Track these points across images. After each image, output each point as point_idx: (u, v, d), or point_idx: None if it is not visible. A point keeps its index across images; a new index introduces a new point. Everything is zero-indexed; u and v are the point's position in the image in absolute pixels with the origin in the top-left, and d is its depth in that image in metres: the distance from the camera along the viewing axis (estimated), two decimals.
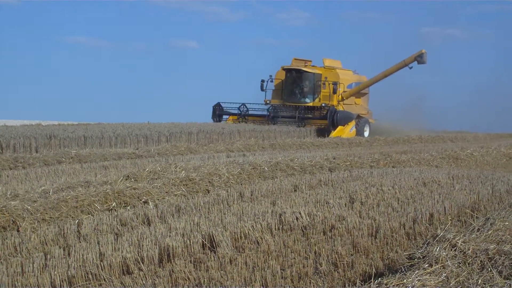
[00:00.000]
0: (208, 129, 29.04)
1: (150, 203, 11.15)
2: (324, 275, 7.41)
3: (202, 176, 13.36)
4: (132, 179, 13.01)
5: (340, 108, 38.61)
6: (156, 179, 13.08)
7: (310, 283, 7.20)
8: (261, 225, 9.05)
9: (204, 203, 11.08)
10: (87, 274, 7.22)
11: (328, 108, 37.40)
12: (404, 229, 9.38)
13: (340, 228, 9.20)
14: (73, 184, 12.58)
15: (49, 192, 11.31)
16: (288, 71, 40.21)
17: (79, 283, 7.08)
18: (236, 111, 39.75)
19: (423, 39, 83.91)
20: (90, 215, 10.27)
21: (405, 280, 5.79)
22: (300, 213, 9.70)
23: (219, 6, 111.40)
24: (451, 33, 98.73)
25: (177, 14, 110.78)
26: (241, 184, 13.71)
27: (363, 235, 8.98)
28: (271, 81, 40.79)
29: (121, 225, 9.51)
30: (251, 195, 12.13)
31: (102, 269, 7.31)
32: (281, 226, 9.28)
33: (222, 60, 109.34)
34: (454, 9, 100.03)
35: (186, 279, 7.16)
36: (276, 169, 15.76)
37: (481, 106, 59.57)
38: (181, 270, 7.37)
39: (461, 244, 6.66)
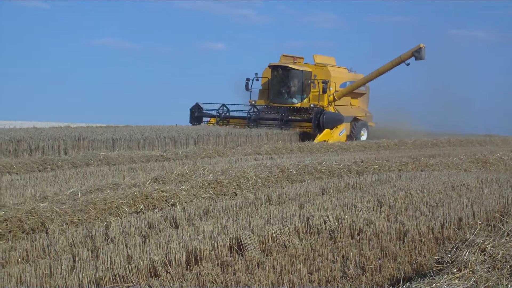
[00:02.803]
0: (236, 132, 29.09)
1: (178, 206, 11.17)
2: (352, 279, 7.38)
3: (230, 179, 13.36)
4: (160, 182, 13.04)
5: (330, 109, 35.47)
6: (184, 181, 13.10)
7: (337, 287, 7.18)
8: (288, 229, 9.03)
9: (231, 206, 11.08)
10: (115, 276, 7.24)
11: (314, 109, 33.91)
12: (433, 233, 9.32)
13: (368, 232, 9.16)
14: (101, 186, 12.65)
15: (78, 194, 11.37)
16: (274, 68, 36.74)
17: (107, 285, 7.10)
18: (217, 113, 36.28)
19: (450, 41, 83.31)
20: (118, 217, 10.30)
21: (434, 285, 5.75)
22: (327, 217, 9.67)
23: (247, 9, 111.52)
24: (477, 35, 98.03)
25: (205, 17, 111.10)
26: (269, 187, 13.69)
27: (391, 239, 8.93)
28: (257, 80, 37.28)
29: (149, 228, 9.53)
30: (279, 198, 12.11)
31: (130, 272, 7.33)
32: (308, 230, 9.26)
33: (248, 62, 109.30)
34: (477, 11, 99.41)
35: (213, 282, 7.17)
36: (304, 172, 15.73)
37: (508, 109, 58.93)
38: (208, 273, 7.37)
39: (490, 249, 6.60)
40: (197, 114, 36.61)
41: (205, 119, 36.67)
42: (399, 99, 42.62)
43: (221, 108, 35.93)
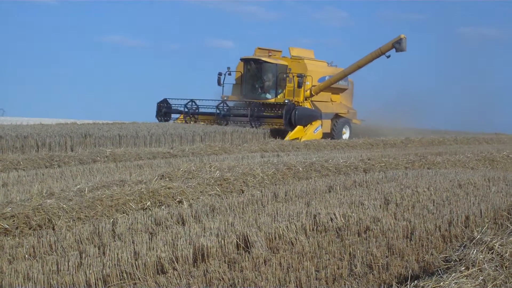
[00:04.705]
0: (242, 129, 29.02)
1: (185, 203, 11.17)
2: (359, 277, 7.37)
3: (237, 176, 13.36)
4: (167, 179, 13.05)
5: (306, 105, 33.18)
6: (191, 178, 13.11)
7: (344, 284, 7.16)
8: (295, 226, 9.03)
9: (238, 203, 11.08)
10: (122, 273, 7.24)
11: (286, 104, 31.30)
12: (440, 231, 9.30)
13: (375, 229, 9.15)
14: (108, 183, 12.65)
15: (85, 191, 11.37)
16: (246, 62, 34.43)
17: (114, 282, 7.10)
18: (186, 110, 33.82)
19: (458, 39, 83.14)
20: (125, 214, 10.30)
21: (441, 283, 5.74)
22: (334, 214, 9.66)
23: (255, 6, 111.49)
24: (485, 32, 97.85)
25: (213, 14, 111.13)
26: (276, 185, 13.68)
27: (398, 237, 8.92)
28: (229, 74, 34.83)
29: (156, 225, 9.53)
30: (286, 195, 12.11)
31: (136, 268, 7.33)
32: (315, 227, 9.25)
33: None
34: (486, 9, 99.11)
35: (220, 279, 7.16)
36: (311, 170, 15.72)
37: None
38: (215, 270, 7.37)
39: (498, 247, 6.59)
40: (164, 111, 34.51)
41: (174, 115, 34.71)
42: (399, 96, 41.84)
43: (189, 104, 33.79)
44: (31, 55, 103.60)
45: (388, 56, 32.35)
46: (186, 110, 33.73)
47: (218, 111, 32.59)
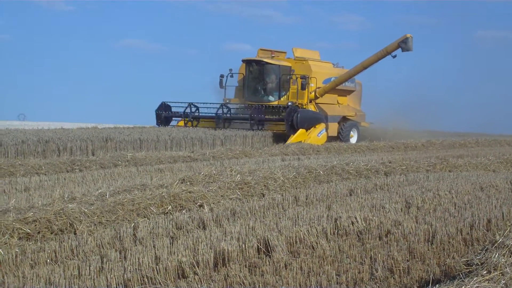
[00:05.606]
0: (263, 132, 29.00)
1: (206, 207, 11.18)
2: (380, 281, 7.34)
3: (258, 180, 13.35)
4: (188, 183, 13.05)
5: (311, 107, 32.24)
6: (212, 182, 13.11)
7: None
8: (316, 230, 9.00)
9: (259, 207, 11.07)
10: (143, 277, 7.24)
11: (288, 107, 30.17)
12: (461, 234, 9.25)
13: (396, 233, 9.11)
14: (129, 187, 12.68)
15: (106, 195, 11.40)
16: (248, 63, 33.60)
17: (135, 286, 7.11)
18: (187, 113, 32.97)
19: (476, 42, 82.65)
20: (146, 218, 10.31)
21: (463, 287, 5.71)
22: (355, 218, 9.64)
23: (273, 10, 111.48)
24: (502, 35, 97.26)
25: (230, 18, 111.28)
26: (296, 188, 13.67)
27: (419, 240, 8.87)
28: (231, 76, 33.93)
29: (177, 229, 9.53)
30: (306, 199, 12.09)
31: (157, 273, 7.33)
32: (336, 231, 9.23)
33: None
34: (503, 12, 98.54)
35: (241, 284, 7.15)
36: (332, 173, 15.69)
37: None
38: (236, 275, 7.36)
39: None
40: (164, 115, 33.79)
41: (174, 119, 34.05)
42: (415, 98, 41.24)
43: (190, 108, 32.94)
44: (50, 60, 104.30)
45: (394, 56, 31.39)
46: (185, 114, 32.95)
47: (217, 115, 31.73)
